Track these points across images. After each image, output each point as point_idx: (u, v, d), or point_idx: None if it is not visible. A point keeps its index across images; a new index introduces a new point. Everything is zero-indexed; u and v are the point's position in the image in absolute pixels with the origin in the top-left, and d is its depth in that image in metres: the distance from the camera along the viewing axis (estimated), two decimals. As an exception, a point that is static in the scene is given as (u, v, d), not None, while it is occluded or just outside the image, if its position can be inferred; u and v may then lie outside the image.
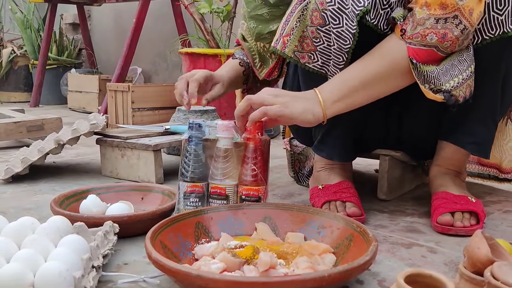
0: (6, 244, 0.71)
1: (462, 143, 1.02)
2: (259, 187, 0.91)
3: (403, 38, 0.89)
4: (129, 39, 2.66)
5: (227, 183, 0.92)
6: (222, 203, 0.91)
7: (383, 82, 0.92)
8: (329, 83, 0.93)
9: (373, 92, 0.92)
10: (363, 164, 1.53)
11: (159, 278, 0.73)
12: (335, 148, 1.09)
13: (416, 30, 0.88)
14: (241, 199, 0.91)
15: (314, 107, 0.90)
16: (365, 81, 0.91)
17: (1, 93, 3.89)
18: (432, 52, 0.88)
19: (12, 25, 4.18)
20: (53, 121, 1.89)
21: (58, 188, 1.29)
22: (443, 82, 0.89)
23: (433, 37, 0.87)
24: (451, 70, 0.90)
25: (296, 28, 0.96)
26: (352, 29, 0.89)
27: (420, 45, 0.88)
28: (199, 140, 0.93)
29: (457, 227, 0.94)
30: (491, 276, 0.53)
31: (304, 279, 0.60)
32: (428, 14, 0.86)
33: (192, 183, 0.92)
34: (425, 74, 0.89)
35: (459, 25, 0.86)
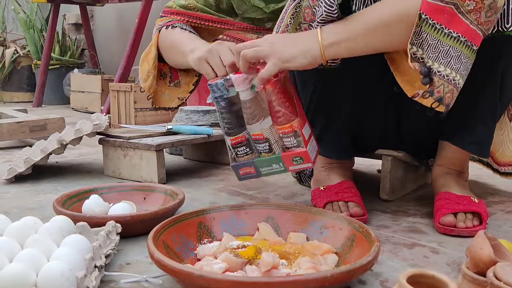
0: (9, 244, 0.72)
1: (462, 143, 1.02)
2: (291, 123, 0.91)
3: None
4: (132, 39, 2.66)
5: (262, 127, 0.92)
6: (265, 146, 0.93)
7: (388, 32, 0.85)
8: (332, 24, 0.87)
9: (374, 41, 0.86)
10: (365, 164, 1.53)
11: (162, 278, 0.73)
12: (333, 146, 1.09)
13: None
14: (281, 137, 0.93)
15: (312, 45, 0.86)
16: (369, 27, 0.85)
17: (4, 93, 3.90)
18: (449, 11, 0.80)
19: (15, 25, 4.19)
20: (56, 121, 1.89)
21: (60, 188, 1.29)
22: (435, 58, 0.82)
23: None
24: (454, 59, 0.82)
25: (290, 25, 0.95)
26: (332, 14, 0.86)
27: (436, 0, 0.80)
28: (222, 98, 0.93)
29: (460, 227, 0.93)
30: (493, 277, 0.53)
31: (306, 279, 0.60)
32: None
33: (233, 136, 0.94)
34: (424, 35, 0.81)
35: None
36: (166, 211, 0.93)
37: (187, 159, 1.69)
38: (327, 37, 0.86)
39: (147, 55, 1.19)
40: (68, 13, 4.15)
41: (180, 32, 1.15)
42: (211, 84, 0.93)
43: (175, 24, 1.17)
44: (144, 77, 1.19)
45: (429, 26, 0.81)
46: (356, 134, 1.13)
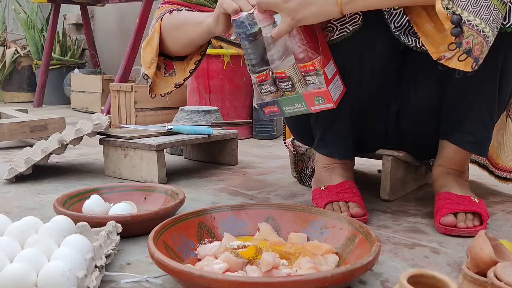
0: (9, 244, 0.72)
1: (461, 142, 1.02)
2: (313, 61, 0.90)
3: None
4: (132, 39, 2.66)
5: (284, 65, 0.92)
6: (288, 84, 0.92)
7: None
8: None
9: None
10: (366, 164, 1.53)
11: (162, 278, 0.73)
12: (335, 146, 1.09)
13: None
14: (303, 75, 0.92)
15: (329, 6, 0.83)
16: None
17: (5, 93, 3.91)
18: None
19: (15, 25, 4.20)
20: (56, 121, 1.89)
21: (61, 188, 1.29)
22: (464, 6, 0.75)
23: None
24: (485, 9, 0.77)
25: None
26: None
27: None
28: (246, 35, 0.93)
29: (460, 228, 0.93)
30: (494, 277, 0.53)
31: (307, 279, 0.60)
32: None
33: (257, 74, 0.94)
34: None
35: None
36: (166, 211, 0.93)
37: (187, 159, 1.69)
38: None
39: (150, 42, 1.17)
40: (68, 13, 4.15)
41: (186, 12, 1.14)
42: (235, 20, 0.92)
43: (180, 9, 1.16)
44: (147, 64, 1.17)
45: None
46: (357, 134, 1.13)
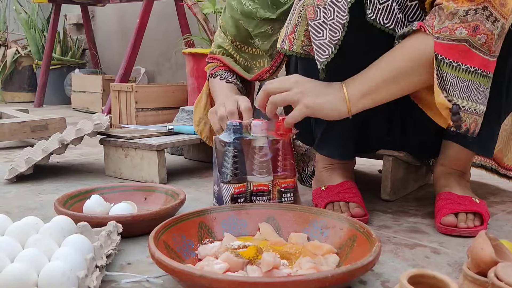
0: (10, 244, 0.72)
1: (466, 142, 1.02)
2: (294, 178, 0.97)
3: (430, 33, 0.85)
4: (133, 40, 2.66)
5: (269, 179, 0.95)
6: (266, 199, 0.95)
7: (408, 78, 0.88)
8: (353, 79, 0.91)
9: (398, 88, 0.90)
10: (366, 164, 1.53)
11: (162, 278, 0.73)
12: (336, 146, 1.09)
13: (445, 24, 0.84)
14: (280, 192, 0.96)
15: (338, 103, 0.89)
16: (390, 77, 0.88)
17: (5, 93, 3.91)
18: (463, 48, 0.83)
19: (16, 25, 4.20)
20: (57, 121, 1.89)
21: (62, 188, 1.29)
22: (458, 95, 0.85)
23: (463, 31, 0.82)
24: (474, 91, 0.86)
25: (299, 24, 0.96)
26: (341, 19, 0.87)
27: (448, 39, 0.83)
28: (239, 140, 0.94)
29: (461, 228, 0.93)
30: (495, 277, 0.53)
31: (307, 279, 0.60)
32: (456, 6, 0.82)
33: (239, 184, 0.93)
34: (444, 75, 0.84)
35: (489, 17, 0.82)
36: (167, 211, 0.94)
37: (188, 159, 1.69)
38: (352, 93, 0.89)
39: (199, 102, 1.29)
40: (69, 13, 4.15)
41: (218, 83, 1.23)
42: (235, 124, 0.94)
43: (217, 73, 1.25)
44: (196, 123, 1.29)
45: (446, 65, 0.84)
46: (358, 134, 1.13)
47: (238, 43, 1.25)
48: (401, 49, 0.88)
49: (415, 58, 0.87)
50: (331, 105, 0.89)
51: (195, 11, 2.22)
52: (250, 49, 1.24)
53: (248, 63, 1.25)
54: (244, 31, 1.22)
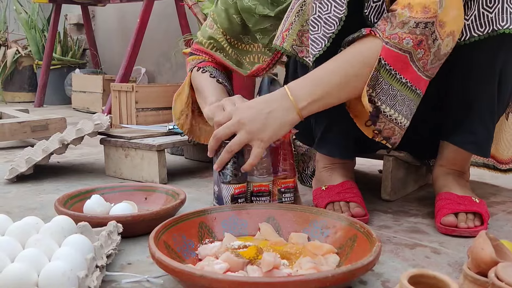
0: (10, 244, 0.72)
1: (461, 143, 1.02)
2: (294, 178, 0.97)
3: (380, 36, 0.87)
4: (133, 39, 2.66)
5: (269, 179, 0.95)
6: (267, 199, 0.94)
7: (361, 79, 0.88)
8: (301, 83, 0.90)
9: (349, 90, 0.90)
10: (366, 164, 1.53)
11: (163, 278, 0.73)
12: (336, 145, 1.09)
13: (395, 31, 0.86)
14: (280, 191, 0.96)
15: (288, 116, 0.88)
16: (342, 79, 0.88)
17: (6, 93, 3.91)
18: (404, 59, 0.86)
19: (16, 25, 4.20)
20: (57, 121, 1.89)
21: (62, 188, 1.29)
22: (384, 100, 0.88)
23: (410, 42, 0.86)
24: (400, 102, 0.89)
25: (295, 23, 0.96)
26: (339, 13, 0.88)
27: (395, 47, 0.86)
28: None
29: (461, 228, 0.93)
30: (495, 277, 0.53)
31: (308, 279, 0.60)
32: (409, 16, 0.85)
33: (240, 184, 0.93)
34: (378, 80, 0.87)
35: (432, 34, 0.86)
36: (167, 211, 0.94)
37: (188, 159, 1.69)
38: (301, 99, 0.88)
39: (180, 94, 1.24)
40: (69, 13, 4.15)
41: (207, 79, 1.17)
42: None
43: (206, 68, 1.20)
44: (177, 115, 1.24)
45: (386, 71, 0.87)
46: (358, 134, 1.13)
47: (228, 37, 1.21)
48: (352, 53, 0.89)
49: (364, 61, 0.88)
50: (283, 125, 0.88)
51: (196, 11, 2.22)
52: (240, 45, 1.22)
53: (238, 58, 1.22)
54: (237, 25, 1.19)
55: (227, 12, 1.19)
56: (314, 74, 0.91)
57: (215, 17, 1.22)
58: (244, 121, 0.89)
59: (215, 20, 1.22)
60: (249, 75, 1.19)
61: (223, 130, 0.91)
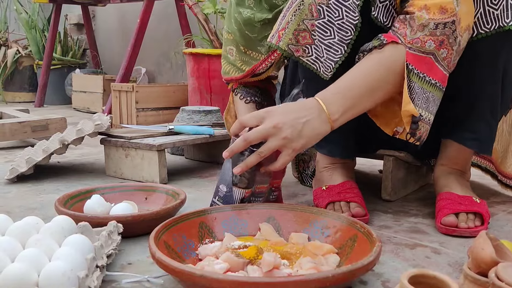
0: (10, 244, 0.72)
1: (463, 140, 1.03)
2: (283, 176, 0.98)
3: (402, 42, 0.88)
4: (133, 40, 2.66)
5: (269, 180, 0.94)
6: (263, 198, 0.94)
7: (386, 87, 0.90)
8: (332, 93, 0.89)
9: (377, 97, 0.90)
10: (367, 164, 1.53)
11: (163, 278, 0.73)
12: (336, 145, 1.09)
13: (416, 35, 0.87)
14: (270, 190, 0.96)
15: (323, 128, 0.87)
16: (369, 88, 0.89)
17: (6, 93, 3.91)
18: (429, 60, 0.88)
19: (17, 25, 4.20)
20: (58, 121, 1.89)
21: (62, 188, 1.29)
22: (420, 105, 0.89)
23: (432, 44, 0.87)
24: (431, 103, 0.90)
25: (291, 22, 0.96)
26: (353, 20, 0.89)
27: (419, 51, 0.87)
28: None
29: (462, 228, 0.93)
30: (495, 277, 0.53)
31: (308, 279, 0.60)
32: (428, 19, 0.86)
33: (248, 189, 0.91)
34: (412, 85, 0.88)
35: (454, 33, 0.86)
36: (167, 211, 0.94)
37: (188, 159, 1.69)
38: (334, 112, 0.87)
39: (228, 111, 1.29)
40: (70, 13, 4.15)
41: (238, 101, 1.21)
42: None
43: (237, 90, 1.22)
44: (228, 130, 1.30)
45: (415, 76, 0.88)
46: (358, 133, 1.13)
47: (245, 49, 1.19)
48: (377, 60, 0.89)
49: (390, 67, 0.88)
50: (316, 137, 0.87)
51: (196, 11, 2.22)
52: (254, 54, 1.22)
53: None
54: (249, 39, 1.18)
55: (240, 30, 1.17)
56: (341, 85, 0.89)
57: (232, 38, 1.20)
58: (282, 127, 0.84)
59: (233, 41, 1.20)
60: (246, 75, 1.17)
61: (255, 134, 0.84)
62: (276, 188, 0.97)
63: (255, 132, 0.85)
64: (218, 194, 0.93)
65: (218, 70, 2.14)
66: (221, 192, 0.92)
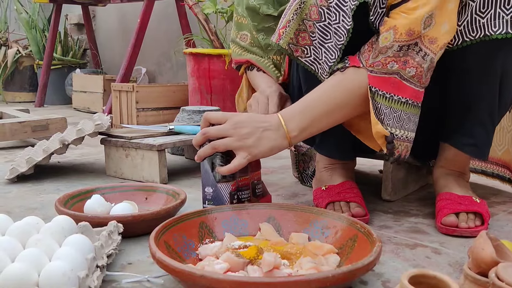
0: (11, 244, 0.72)
1: (460, 145, 1.02)
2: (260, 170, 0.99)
3: (364, 66, 0.90)
4: (134, 39, 2.66)
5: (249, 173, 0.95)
6: (248, 193, 0.95)
7: (345, 109, 0.93)
8: (293, 111, 0.92)
9: (336, 118, 0.94)
10: (367, 164, 1.53)
11: (163, 278, 0.73)
12: (335, 146, 1.09)
13: (378, 59, 0.89)
14: (253, 184, 0.96)
15: (280, 141, 0.90)
16: (328, 110, 0.92)
17: (6, 93, 3.91)
18: (394, 80, 0.89)
19: (17, 25, 4.20)
20: (58, 121, 1.89)
21: (62, 188, 1.29)
22: (392, 124, 0.90)
23: (394, 65, 0.88)
24: (406, 121, 0.91)
25: (292, 21, 0.96)
26: (347, 25, 0.88)
27: (381, 72, 0.89)
28: None
29: (462, 228, 0.93)
30: (495, 277, 0.53)
31: (308, 279, 0.60)
32: (392, 40, 0.87)
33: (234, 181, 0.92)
34: (378, 106, 0.89)
35: (419, 52, 0.87)
36: (168, 211, 0.94)
37: (188, 159, 1.69)
38: (292, 129, 0.91)
39: (240, 94, 1.29)
40: (70, 13, 4.15)
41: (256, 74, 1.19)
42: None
43: (252, 66, 1.21)
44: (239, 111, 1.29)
45: (380, 97, 0.89)
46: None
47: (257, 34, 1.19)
48: (338, 82, 0.92)
49: (351, 90, 0.91)
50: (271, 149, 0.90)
51: (196, 11, 2.22)
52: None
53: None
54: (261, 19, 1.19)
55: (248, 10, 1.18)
56: (303, 104, 0.93)
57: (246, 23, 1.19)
58: (240, 129, 0.88)
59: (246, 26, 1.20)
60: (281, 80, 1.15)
61: (215, 131, 0.90)
62: (258, 180, 0.98)
63: (216, 128, 0.90)
64: (206, 198, 0.93)
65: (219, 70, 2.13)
66: (208, 195, 0.93)
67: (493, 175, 1.27)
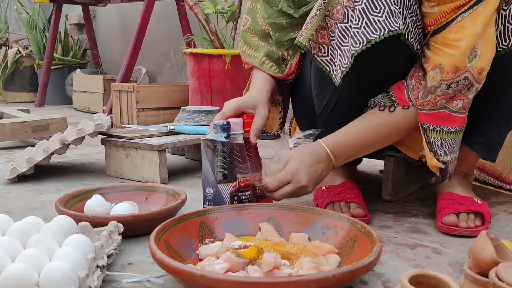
0: (11, 244, 0.72)
1: (471, 143, 1.03)
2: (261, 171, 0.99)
3: (413, 105, 0.94)
4: (134, 40, 2.66)
5: (249, 174, 0.96)
6: (250, 194, 0.95)
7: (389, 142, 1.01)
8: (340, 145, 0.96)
9: (378, 148, 1.01)
10: (368, 164, 1.53)
11: (163, 278, 0.73)
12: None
13: (427, 98, 0.91)
14: (254, 185, 0.97)
15: (328, 173, 0.98)
16: (374, 145, 0.99)
17: (7, 93, 3.91)
18: (443, 114, 0.92)
19: (17, 25, 4.20)
20: (58, 121, 1.89)
21: (63, 188, 1.29)
22: (443, 154, 0.95)
23: (443, 101, 0.91)
24: (455, 146, 0.96)
25: (315, 16, 0.92)
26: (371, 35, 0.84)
27: (430, 110, 0.93)
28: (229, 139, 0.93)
29: (462, 227, 0.93)
30: (496, 277, 0.53)
31: (308, 279, 0.60)
32: (440, 80, 0.88)
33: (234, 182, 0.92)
34: (430, 140, 0.95)
35: (467, 85, 0.89)
36: (168, 211, 0.94)
37: (189, 159, 1.69)
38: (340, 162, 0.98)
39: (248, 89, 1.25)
40: (70, 13, 4.15)
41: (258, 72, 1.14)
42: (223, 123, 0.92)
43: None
44: None
45: (431, 131, 0.94)
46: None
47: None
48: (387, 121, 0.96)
49: (400, 129, 0.97)
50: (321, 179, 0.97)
51: (196, 11, 2.22)
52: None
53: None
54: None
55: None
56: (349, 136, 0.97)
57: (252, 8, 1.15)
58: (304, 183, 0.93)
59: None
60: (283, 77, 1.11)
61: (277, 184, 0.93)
62: (259, 180, 0.98)
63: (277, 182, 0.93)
64: (207, 198, 0.93)
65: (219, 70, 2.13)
66: (209, 195, 0.93)
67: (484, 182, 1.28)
